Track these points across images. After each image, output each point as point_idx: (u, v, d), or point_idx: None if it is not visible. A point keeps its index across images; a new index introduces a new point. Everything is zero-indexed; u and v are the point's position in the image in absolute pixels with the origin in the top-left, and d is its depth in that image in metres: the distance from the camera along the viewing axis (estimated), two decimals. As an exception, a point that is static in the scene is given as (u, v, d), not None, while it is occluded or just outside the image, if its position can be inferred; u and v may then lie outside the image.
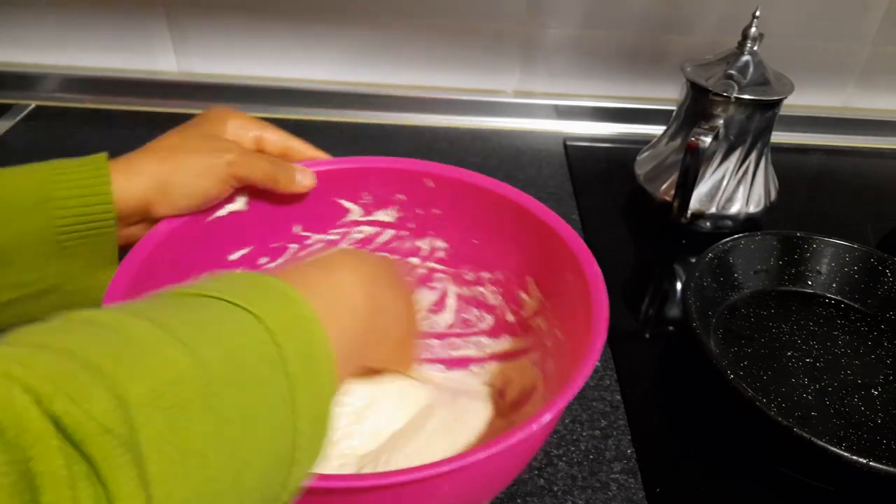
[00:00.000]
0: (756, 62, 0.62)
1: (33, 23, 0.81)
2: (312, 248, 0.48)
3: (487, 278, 0.50)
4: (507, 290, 0.49)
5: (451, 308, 0.52)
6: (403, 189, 0.48)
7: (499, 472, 0.35)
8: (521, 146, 0.81)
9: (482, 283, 0.50)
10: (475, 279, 0.51)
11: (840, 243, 0.59)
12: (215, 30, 0.82)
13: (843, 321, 0.57)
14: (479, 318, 0.51)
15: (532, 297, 0.47)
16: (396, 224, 0.49)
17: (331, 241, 0.49)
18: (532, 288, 0.47)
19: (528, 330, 0.48)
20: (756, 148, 0.64)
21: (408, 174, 0.47)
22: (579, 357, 0.34)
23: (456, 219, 0.48)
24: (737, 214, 0.66)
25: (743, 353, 0.53)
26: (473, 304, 0.51)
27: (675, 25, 0.82)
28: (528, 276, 0.47)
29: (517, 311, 0.48)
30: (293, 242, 0.48)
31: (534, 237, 0.45)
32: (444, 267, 0.51)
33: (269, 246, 0.47)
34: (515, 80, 0.86)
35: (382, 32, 0.82)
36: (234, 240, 0.45)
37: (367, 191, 0.48)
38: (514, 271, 0.48)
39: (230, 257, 0.45)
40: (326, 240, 0.48)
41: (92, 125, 0.79)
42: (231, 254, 0.45)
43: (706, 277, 0.56)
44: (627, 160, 0.74)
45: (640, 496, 0.43)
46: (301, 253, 0.48)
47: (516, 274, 0.48)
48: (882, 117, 0.89)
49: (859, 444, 0.46)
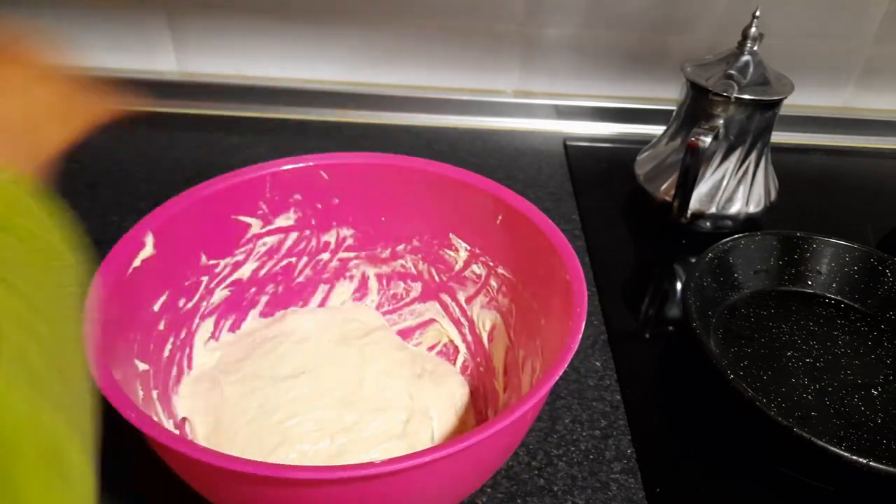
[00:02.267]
0: (756, 62, 0.62)
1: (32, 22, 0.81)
2: (223, 275, 0.47)
3: (404, 249, 0.51)
4: (427, 253, 0.50)
5: (374, 289, 0.53)
6: (298, 188, 0.48)
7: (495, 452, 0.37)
8: (521, 146, 0.81)
9: (400, 256, 0.51)
10: (391, 254, 0.52)
11: (840, 243, 0.59)
12: (215, 30, 0.82)
13: (843, 321, 0.57)
14: (408, 288, 0.53)
15: (460, 250, 0.49)
16: (297, 225, 0.49)
17: (237, 261, 0.48)
18: (456, 241, 0.49)
19: (463, 281, 0.50)
20: (756, 148, 0.64)
21: (300, 172, 0.47)
22: (545, 287, 0.39)
23: (356, 203, 0.49)
24: (737, 214, 0.66)
25: (743, 353, 0.53)
26: (397, 279, 0.52)
27: (675, 25, 0.82)
28: (449, 233, 0.49)
29: (447, 269, 0.50)
30: (203, 275, 0.46)
31: (444, 194, 0.47)
32: (355, 253, 0.52)
33: (184, 285, 0.45)
34: (515, 81, 0.86)
35: (382, 32, 0.82)
36: (153, 288, 0.42)
37: (262, 199, 0.47)
38: (432, 233, 0.49)
39: (154, 308, 0.42)
40: (233, 262, 0.47)
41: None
42: (154, 304, 0.42)
43: (706, 277, 0.56)
44: (627, 160, 0.74)
45: (640, 496, 0.43)
46: (212, 284, 0.47)
47: (434, 234, 0.49)
48: (882, 117, 0.89)
49: (859, 444, 0.46)
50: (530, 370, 0.43)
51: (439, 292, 0.52)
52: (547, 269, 0.42)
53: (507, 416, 0.30)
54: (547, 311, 0.42)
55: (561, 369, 0.33)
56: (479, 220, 0.47)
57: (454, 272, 0.50)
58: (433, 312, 0.52)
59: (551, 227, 0.42)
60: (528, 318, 0.45)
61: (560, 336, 0.36)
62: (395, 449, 0.42)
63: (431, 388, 0.47)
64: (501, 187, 0.46)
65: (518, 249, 0.45)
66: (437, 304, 0.52)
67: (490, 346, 0.49)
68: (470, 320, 0.51)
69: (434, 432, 0.44)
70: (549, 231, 0.42)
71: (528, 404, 0.31)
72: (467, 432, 0.30)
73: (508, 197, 0.45)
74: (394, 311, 0.53)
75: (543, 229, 0.42)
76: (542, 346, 0.42)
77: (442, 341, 0.52)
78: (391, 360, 0.48)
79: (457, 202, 0.47)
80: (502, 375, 0.47)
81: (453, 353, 0.51)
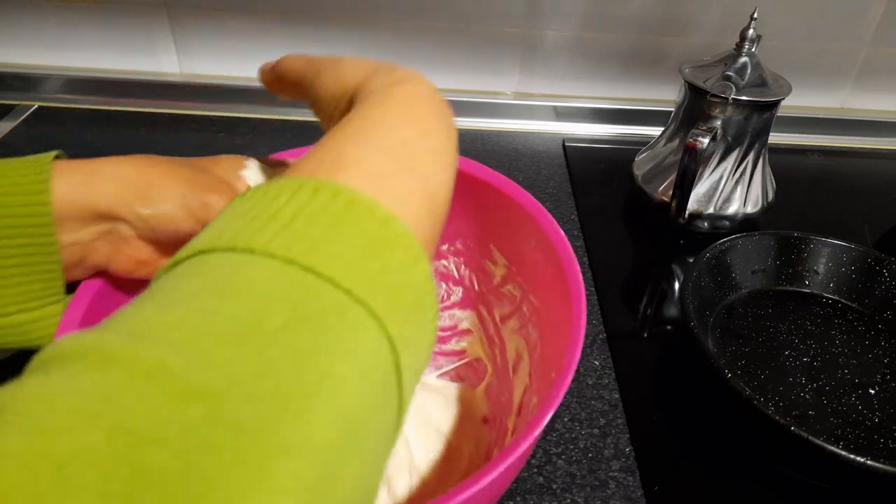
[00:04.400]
0: (754, 64, 0.62)
1: (36, 24, 0.81)
2: None
3: (447, 250, 0.50)
4: (470, 259, 0.49)
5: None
6: None
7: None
8: (520, 147, 0.82)
9: (444, 256, 0.50)
10: (434, 253, 0.50)
11: (837, 243, 0.60)
12: (217, 31, 0.82)
13: (841, 321, 0.57)
14: (449, 291, 0.51)
15: (499, 265, 0.47)
16: None
17: None
18: (496, 254, 0.47)
19: (501, 297, 0.48)
20: (754, 149, 0.64)
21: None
22: (560, 337, 0.33)
23: None
24: (734, 215, 0.66)
25: (740, 352, 0.53)
26: (439, 279, 0.51)
27: (673, 27, 0.82)
28: (490, 244, 0.47)
29: (487, 279, 0.48)
30: None
31: (487, 202, 0.44)
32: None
33: None
34: (515, 82, 0.87)
35: (383, 34, 0.82)
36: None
37: None
38: (475, 238, 0.48)
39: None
40: None
41: (94, 126, 0.79)
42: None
43: (704, 277, 0.56)
44: (626, 161, 0.74)
45: (638, 494, 0.43)
46: None
47: (477, 241, 0.48)
48: (879, 118, 0.89)
49: (857, 443, 0.46)
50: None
51: (478, 303, 0.50)
52: (562, 311, 0.37)
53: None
54: (556, 364, 0.36)
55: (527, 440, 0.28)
56: (517, 238, 0.44)
57: (493, 285, 0.48)
58: (470, 323, 0.50)
59: (572, 265, 0.37)
60: (545, 363, 0.41)
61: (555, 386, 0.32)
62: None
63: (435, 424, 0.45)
64: (541, 209, 0.41)
65: (546, 281, 0.41)
66: (475, 315, 0.50)
67: (514, 377, 0.45)
68: (502, 341, 0.48)
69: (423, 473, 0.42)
70: (568, 268, 0.37)
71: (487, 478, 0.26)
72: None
73: (543, 222, 0.41)
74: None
75: (565, 266, 0.37)
76: (539, 403, 0.37)
77: (472, 356, 0.50)
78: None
79: (497, 213, 0.44)
80: (515, 416, 0.43)
81: (481, 374, 0.49)
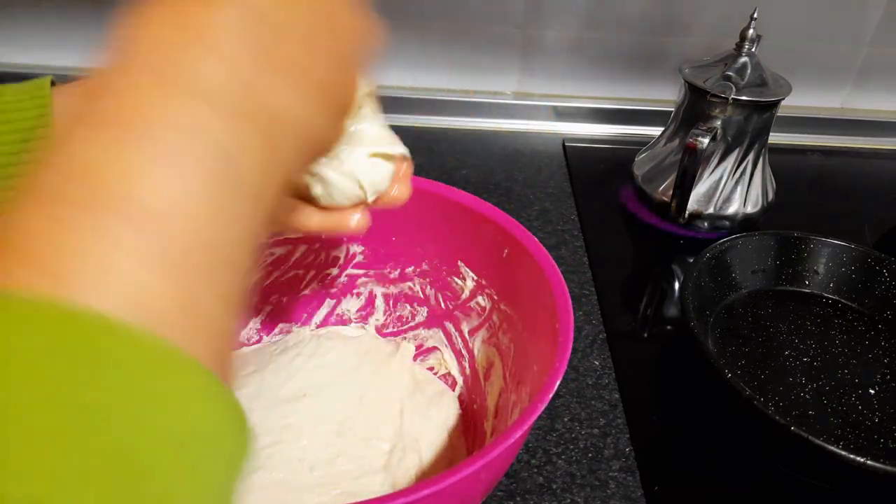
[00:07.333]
0: (754, 63, 0.62)
1: (35, 24, 0.81)
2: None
3: (413, 272, 0.50)
4: (436, 279, 0.49)
5: (381, 309, 0.52)
6: None
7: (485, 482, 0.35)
8: (520, 147, 0.82)
9: (409, 278, 0.51)
10: (399, 275, 0.51)
11: (837, 243, 0.60)
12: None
13: (841, 321, 0.57)
14: (414, 311, 0.52)
15: (467, 279, 0.48)
16: (305, 238, 0.49)
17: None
18: (464, 270, 0.47)
19: (468, 311, 0.49)
20: (754, 149, 0.64)
21: None
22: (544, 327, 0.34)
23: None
24: (734, 215, 0.66)
25: (741, 352, 0.53)
26: (404, 301, 0.52)
27: (673, 27, 0.82)
28: (458, 260, 0.47)
29: (454, 297, 0.49)
30: None
31: (454, 219, 0.45)
32: (364, 271, 0.51)
33: None
34: (515, 82, 0.87)
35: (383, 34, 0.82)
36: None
37: None
38: (441, 258, 0.48)
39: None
40: None
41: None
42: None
43: (704, 277, 0.56)
44: (626, 161, 0.74)
45: (638, 494, 0.43)
46: None
47: (443, 260, 0.48)
48: (879, 118, 0.89)
49: (856, 443, 0.46)
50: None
51: (444, 320, 0.51)
52: (543, 313, 0.38)
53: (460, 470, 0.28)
54: (540, 358, 0.39)
55: (520, 429, 0.30)
56: (487, 250, 0.45)
57: (460, 301, 0.49)
58: (436, 340, 0.51)
59: (553, 269, 0.39)
60: (523, 362, 0.42)
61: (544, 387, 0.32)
62: (373, 483, 0.40)
63: (426, 415, 0.45)
64: (511, 220, 0.43)
65: (520, 288, 0.43)
66: (441, 332, 0.51)
67: (486, 384, 0.47)
68: (471, 353, 0.49)
69: (423, 461, 0.43)
70: (550, 273, 0.39)
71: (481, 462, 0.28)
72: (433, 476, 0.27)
73: (516, 231, 0.42)
74: (398, 333, 0.52)
75: (545, 270, 0.39)
76: (531, 394, 0.38)
77: (440, 371, 0.51)
78: (396, 385, 0.47)
79: (466, 229, 0.46)
80: (493, 417, 0.45)
81: (451, 386, 0.50)
